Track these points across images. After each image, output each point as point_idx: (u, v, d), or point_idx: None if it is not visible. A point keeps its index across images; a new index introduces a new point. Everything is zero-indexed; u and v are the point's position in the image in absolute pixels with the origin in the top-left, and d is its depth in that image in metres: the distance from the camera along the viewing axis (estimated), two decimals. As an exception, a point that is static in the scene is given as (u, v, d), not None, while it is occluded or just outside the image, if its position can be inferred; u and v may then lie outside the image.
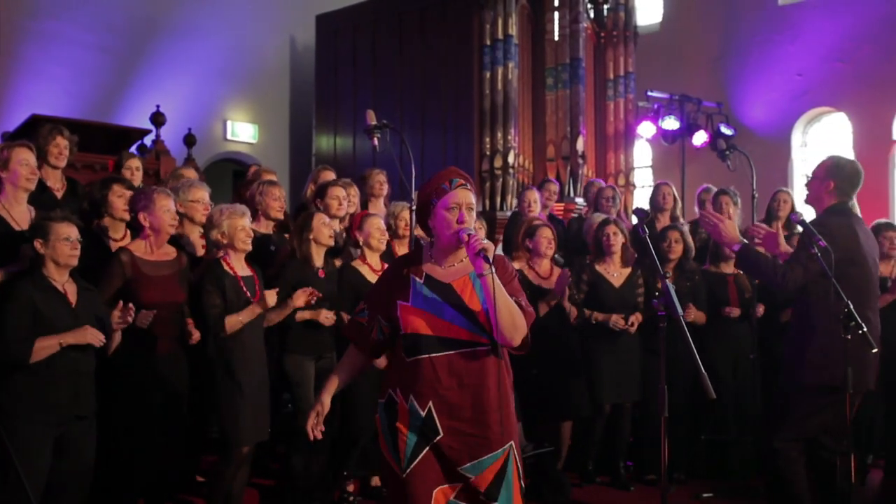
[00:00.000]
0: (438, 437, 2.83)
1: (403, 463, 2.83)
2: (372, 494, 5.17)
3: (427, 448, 2.83)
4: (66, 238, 3.70)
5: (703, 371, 3.06)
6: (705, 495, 5.44)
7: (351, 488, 5.05)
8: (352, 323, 3.03)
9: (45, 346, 3.59)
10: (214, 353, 4.24)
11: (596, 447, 5.71)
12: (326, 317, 4.69)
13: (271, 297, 4.28)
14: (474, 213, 2.91)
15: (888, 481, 5.90)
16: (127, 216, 4.48)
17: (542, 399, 5.38)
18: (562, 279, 5.21)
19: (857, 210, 4.56)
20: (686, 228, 6.11)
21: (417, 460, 2.83)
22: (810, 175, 4.48)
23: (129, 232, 4.58)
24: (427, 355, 2.81)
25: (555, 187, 7.69)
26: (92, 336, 3.66)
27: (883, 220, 6.10)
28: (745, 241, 4.46)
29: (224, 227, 4.30)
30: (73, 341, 3.64)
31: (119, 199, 4.48)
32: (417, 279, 2.89)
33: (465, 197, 2.87)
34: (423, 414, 2.82)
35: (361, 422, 4.79)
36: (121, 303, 3.78)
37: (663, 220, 6.57)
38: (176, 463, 4.28)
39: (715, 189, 6.79)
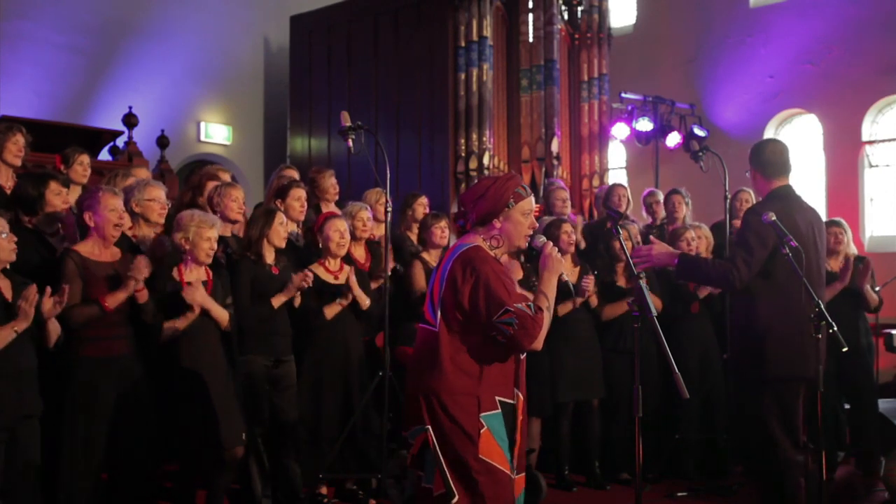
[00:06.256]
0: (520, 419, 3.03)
1: (514, 462, 2.98)
2: (346, 497, 5.16)
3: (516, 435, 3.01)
4: (2, 233, 3.60)
5: (677, 371, 3.07)
6: (680, 494, 5.47)
7: (324, 490, 5.02)
8: (524, 319, 2.84)
9: None
10: (159, 360, 4.18)
11: (566, 446, 5.72)
12: (306, 276, 4.60)
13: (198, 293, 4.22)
14: None
15: (857, 475, 5.97)
16: (64, 214, 4.40)
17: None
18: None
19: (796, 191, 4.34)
20: (634, 228, 6.10)
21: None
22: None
23: (59, 227, 4.47)
24: None
25: None
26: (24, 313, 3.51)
27: (829, 219, 6.20)
28: (679, 252, 4.33)
29: (190, 232, 4.21)
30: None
31: (57, 196, 4.32)
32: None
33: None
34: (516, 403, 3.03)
35: (331, 422, 4.80)
36: (49, 289, 3.60)
37: None
38: (139, 466, 4.19)
39: (661, 192, 6.85)
